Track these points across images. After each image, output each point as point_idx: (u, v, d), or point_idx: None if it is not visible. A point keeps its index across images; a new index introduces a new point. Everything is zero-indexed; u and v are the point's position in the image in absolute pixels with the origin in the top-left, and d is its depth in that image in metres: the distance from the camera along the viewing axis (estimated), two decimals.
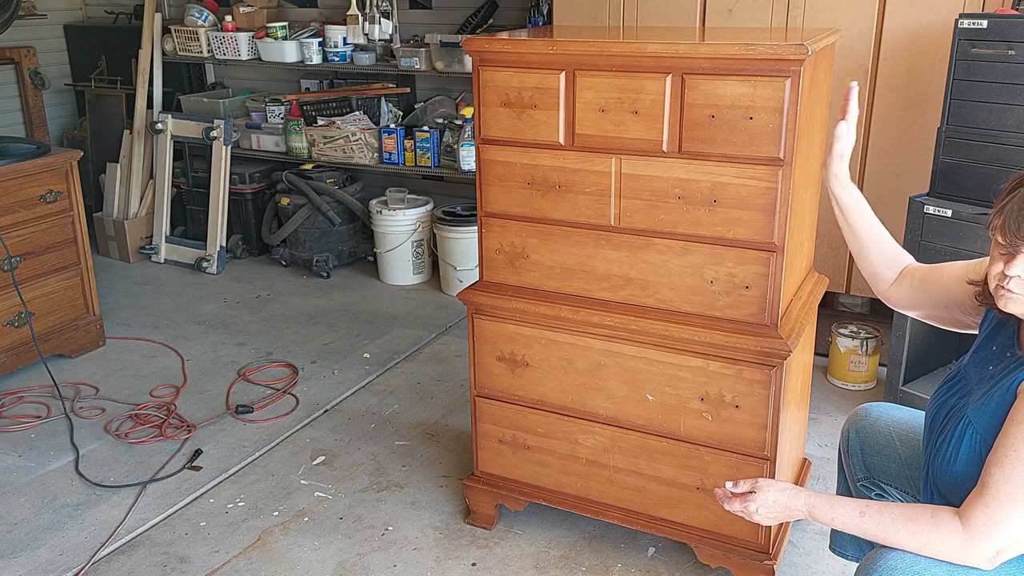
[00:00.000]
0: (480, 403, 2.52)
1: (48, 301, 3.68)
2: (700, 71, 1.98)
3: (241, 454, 3.06)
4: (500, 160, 2.27)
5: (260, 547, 2.58)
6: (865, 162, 3.55)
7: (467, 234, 4.33)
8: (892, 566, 1.52)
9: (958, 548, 1.49)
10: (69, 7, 5.83)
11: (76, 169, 3.72)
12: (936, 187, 2.97)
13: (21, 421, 3.31)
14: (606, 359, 2.28)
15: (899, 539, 1.55)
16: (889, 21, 3.37)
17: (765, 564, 2.26)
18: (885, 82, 3.43)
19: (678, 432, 2.26)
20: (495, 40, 2.18)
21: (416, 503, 2.77)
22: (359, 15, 4.53)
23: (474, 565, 2.48)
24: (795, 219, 2.08)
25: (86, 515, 2.75)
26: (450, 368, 3.69)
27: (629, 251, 2.19)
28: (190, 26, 5.14)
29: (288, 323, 4.19)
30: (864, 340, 3.38)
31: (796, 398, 2.35)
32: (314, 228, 4.79)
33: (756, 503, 1.71)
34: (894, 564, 1.53)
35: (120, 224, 5.05)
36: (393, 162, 4.68)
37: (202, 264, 4.90)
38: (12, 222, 3.48)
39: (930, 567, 1.51)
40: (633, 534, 2.56)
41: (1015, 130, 2.75)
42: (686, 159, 2.06)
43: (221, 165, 4.85)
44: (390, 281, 4.70)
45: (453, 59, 4.39)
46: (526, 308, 2.33)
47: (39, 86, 5.56)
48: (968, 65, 2.80)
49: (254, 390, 3.54)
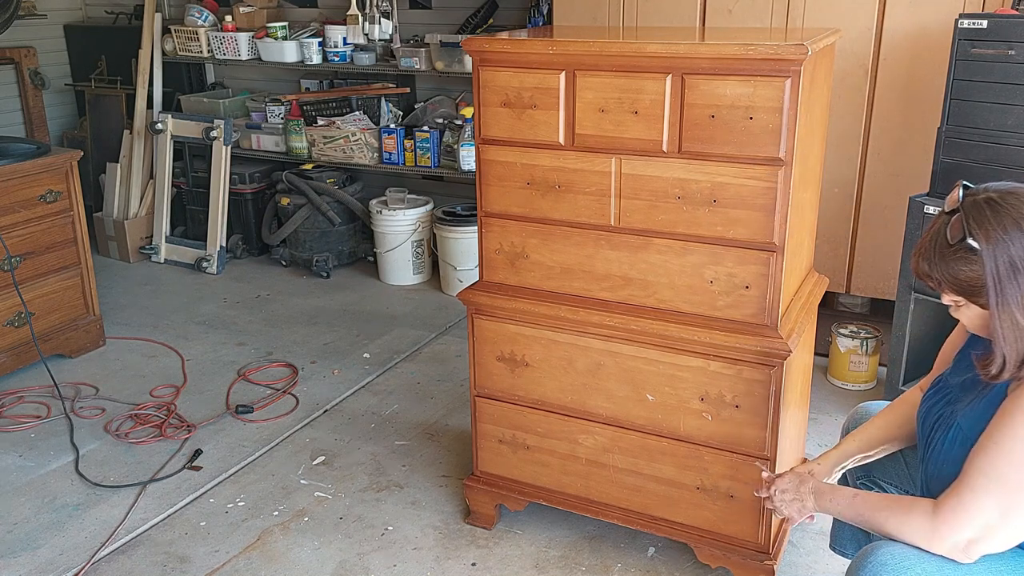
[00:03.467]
0: (480, 403, 2.52)
1: (48, 301, 3.68)
2: (700, 71, 1.98)
3: (241, 454, 3.07)
4: (500, 160, 2.27)
5: (260, 547, 2.58)
6: (865, 162, 3.55)
7: (467, 234, 4.33)
8: (882, 562, 1.54)
9: (926, 532, 1.53)
10: (69, 7, 5.83)
11: (76, 169, 3.72)
12: (936, 187, 2.97)
13: (21, 421, 3.31)
14: (606, 359, 2.28)
15: (879, 519, 1.61)
16: (889, 21, 3.37)
17: (765, 564, 2.26)
18: (885, 82, 3.43)
19: (678, 432, 2.26)
20: (495, 40, 2.18)
21: (416, 503, 2.77)
22: (359, 15, 4.53)
23: (474, 565, 2.48)
24: (795, 219, 2.08)
25: (86, 515, 2.75)
26: (450, 368, 3.69)
27: (629, 251, 2.19)
28: (190, 26, 5.14)
29: (288, 323, 4.19)
30: (864, 340, 3.38)
31: (796, 398, 2.35)
32: (314, 228, 4.79)
33: (774, 494, 1.85)
34: (883, 560, 1.54)
35: (120, 224, 5.05)
36: (393, 162, 4.68)
37: (202, 264, 4.90)
38: (12, 222, 3.48)
39: (919, 562, 1.52)
40: (633, 534, 2.56)
41: (1015, 130, 2.74)
42: (686, 159, 2.06)
43: (221, 165, 4.85)
44: (390, 281, 4.70)
45: (453, 59, 4.39)
46: (526, 308, 2.34)
47: (39, 86, 5.56)
48: (968, 65, 2.80)
49: (254, 390, 3.54)
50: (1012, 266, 1.46)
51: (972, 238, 1.49)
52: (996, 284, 1.47)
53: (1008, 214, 1.48)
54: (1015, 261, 1.46)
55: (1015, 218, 1.47)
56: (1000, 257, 1.47)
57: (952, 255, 1.52)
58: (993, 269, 1.47)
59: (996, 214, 1.48)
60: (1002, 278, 1.47)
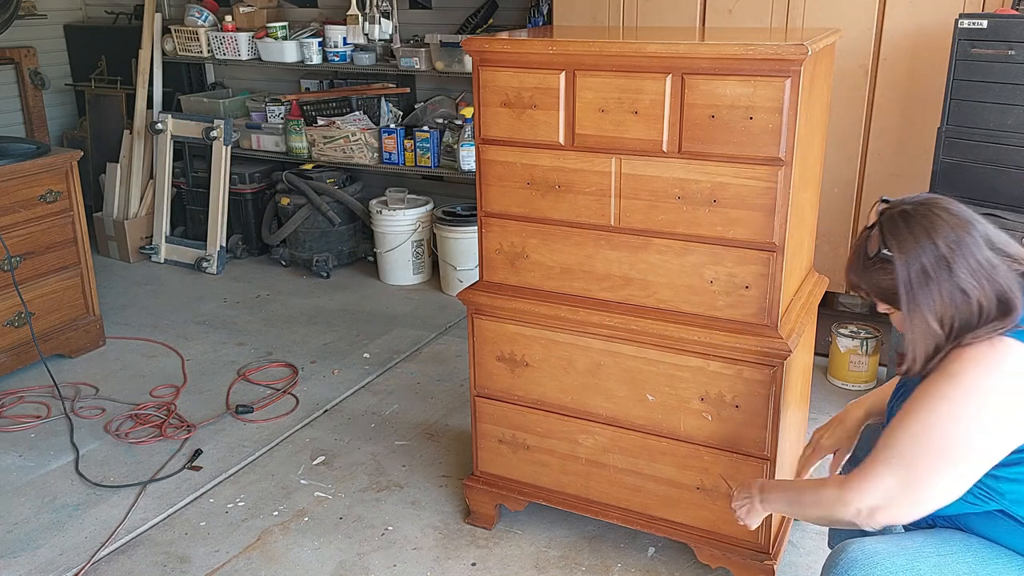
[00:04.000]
0: (480, 403, 2.52)
1: (48, 301, 3.68)
2: (700, 71, 1.98)
3: (241, 454, 3.07)
4: (500, 160, 2.27)
5: (260, 547, 2.58)
6: (865, 162, 3.55)
7: (467, 234, 4.33)
8: (853, 559, 1.60)
9: (834, 499, 1.62)
10: (69, 7, 5.83)
11: (76, 169, 3.72)
12: (936, 187, 2.97)
13: (21, 421, 3.31)
14: (606, 359, 2.28)
15: (805, 501, 1.73)
16: (889, 21, 3.37)
17: (765, 564, 2.26)
18: (885, 82, 3.43)
19: (678, 432, 2.26)
20: (495, 40, 2.18)
21: (416, 503, 2.77)
22: (359, 15, 4.53)
23: (474, 565, 2.48)
24: (795, 219, 2.08)
25: (86, 515, 2.75)
26: (450, 368, 3.69)
27: (629, 251, 2.19)
28: (190, 26, 5.14)
29: (288, 323, 4.19)
30: (864, 340, 3.38)
31: (796, 398, 2.35)
32: (314, 228, 4.79)
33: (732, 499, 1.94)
34: (855, 556, 1.60)
35: (120, 224, 5.05)
36: (393, 162, 4.68)
37: (202, 264, 4.90)
38: (12, 222, 3.48)
39: (889, 557, 1.58)
40: (633, 534, 2.56)
41: (1015, 130, 2.75)
42: (686, 159, 2.06)
43: (221, 165, 4.85)
44: (390, 281, 4.70)
45: (453, 59, 4.39)
46: (526, 308, 2.34)
47: (39, 86, 5.56)
48: (968, 65, 2.80)
49: (254, 390, 3.54)
50: (924, 273, 1.55)
51: (887, 249, 1.59)
52: (908, 291, 1.56)
53: (920, 224, 1.57)
54: (927, 269, 1.55)
55: (926, 228, 1.56)
56: (912, 265, 1.55)
57: (872, 266, 1.62)
58: (905, 277, 1.56)
59: (909, 225, 1.58)
60: (914, 285, 1.55)
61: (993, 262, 1.54)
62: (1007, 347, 1.50)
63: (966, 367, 1.51)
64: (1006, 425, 1.49)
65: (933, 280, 1.54)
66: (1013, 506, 1.57)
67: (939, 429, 1.51)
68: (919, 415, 1.53)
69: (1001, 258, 1.56)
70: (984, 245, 1.55)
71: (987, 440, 1.49)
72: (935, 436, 1.51)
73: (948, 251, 1.53)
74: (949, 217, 1.57)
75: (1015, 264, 1.57)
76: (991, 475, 1.55)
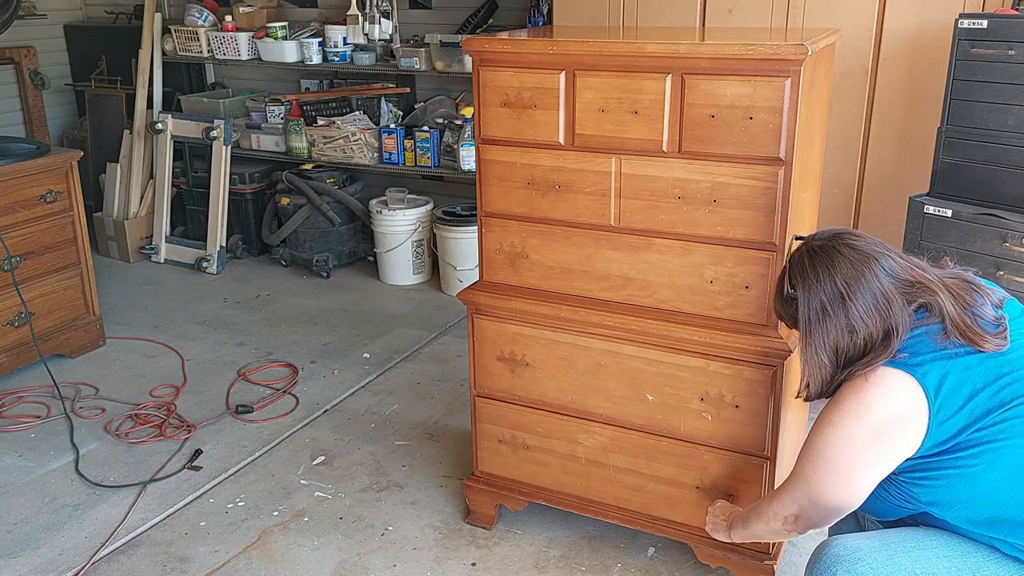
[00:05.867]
0: (480, 403, 2.52)
1: (48, 301, 3.68)
2: (700, 71, 1.98)
3: (241, 454, 3.07)
4: (500, 160, 2.27)
5: (260, 547, 2.58)
6: (865, 162, 3.55)
7: (467, 234, 4.33)
8: (836, 554, 1.65)
9: (765, 512, 1.83)
10: (69, 7, 5.83)
11: (76, 169, 3.72)
12: (936, 187, 2.97)
13: (21, 421, 3.31)
14: (606, 359, 2.28)
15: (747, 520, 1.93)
16: (889, 21, 3.37)
17: (765, 564, 2.26)
18: (885, 82, 3.43)
19: (678, 432, 2.26)
20: (495, 40, 2.18)
21: (416, 503, 2.77)
22: (359, 15, 4.53)
23: (474, 565, 2.48)
24: (795, 219, 2.08)
25: (86, 515, 2.75)
26: (450, 368, 3.69)
27: (629, 251, 2.19)
28: (190, 26, 5.14)
29: (288, 323, 4.19)
30: None
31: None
32: (314, 228, 4.79)
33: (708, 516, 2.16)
34: (838, 552, 1.65)
35: (120, 224, 5.05)
36: (393, 162, 4.68)
37: (202, 264, 4.90)
38: (12, 222, 3.48)
39: (870, 553, 1.62)
40: (633, 534, 2.56)
41: (1015, 130, 2.74)
42: (686, 159, 2.06)
43: (221, 165, 4.85)
44: (390, 281, 4.70)
45: (453, 59, 4.39)
46: (526, 308, 2.34)
47: (39, 86, 5.56)
48: (968, 65, 2.79)
49: (254, 390, 3.54)
50: (822, 310, 1.65)
51: (791, 287, 1.71)
52: (806, 326, 1.67)
53: (822, 262, 1.66)
54: (825, 305, 1.64)
55: (827, 266, 1.65)
56: (812, 302, 1.66)
57: (786, 302, 1.75)
58: (805, 314, 1.67)
59: (812, 263, 1.67)
60: (811, 321, 1.66)
61: (890, 296, 1.61)
62: (879, 376, 1.60)
63: (846, 395, 1.63)
64: (882, 442, 1.59)
65: (831, 317, 1.64)
66: (931, 507, 1.64)
67: (826, 449, 1.64)
68: (812, 437, 1.68)
69: (902, 290, 1.62)
70: (885, 278, 1.62)
71: (866, 453, 1.61)
72: (823, 455, 1.65)
73: (845, 288, 1.62)
74: (850, 253, 1.65)
75: (925, 290, 1.62)
76: (902, 481, 1.64)
